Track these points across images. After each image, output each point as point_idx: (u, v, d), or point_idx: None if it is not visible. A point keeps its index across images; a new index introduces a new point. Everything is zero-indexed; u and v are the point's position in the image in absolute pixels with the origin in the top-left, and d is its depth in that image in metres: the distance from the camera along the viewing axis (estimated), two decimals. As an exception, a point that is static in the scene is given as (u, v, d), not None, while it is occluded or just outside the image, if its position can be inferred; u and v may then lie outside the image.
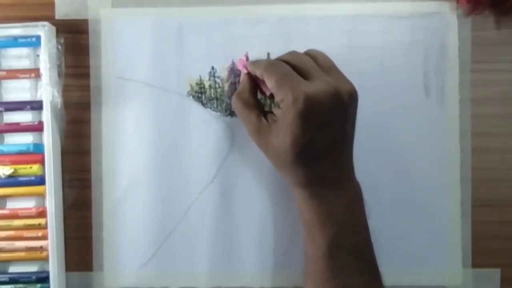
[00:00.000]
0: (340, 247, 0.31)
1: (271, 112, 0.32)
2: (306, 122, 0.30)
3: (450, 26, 0.37)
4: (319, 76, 0.31)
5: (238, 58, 0.37)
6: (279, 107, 0.31)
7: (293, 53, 0.33)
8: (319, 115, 0.30)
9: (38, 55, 0.37)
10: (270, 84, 0.31)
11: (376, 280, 0.32)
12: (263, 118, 0.32)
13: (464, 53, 0.37)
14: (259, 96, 0.35)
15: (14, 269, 0.37)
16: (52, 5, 0.38)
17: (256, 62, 0.34)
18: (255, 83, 0.34)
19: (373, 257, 0.33)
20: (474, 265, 0.37)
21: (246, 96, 0.34)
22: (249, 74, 0.34)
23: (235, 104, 0.34)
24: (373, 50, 0.37)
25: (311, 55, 0.33)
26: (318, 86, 0.30)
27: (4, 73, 0.37)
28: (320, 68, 0.32)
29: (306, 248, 0.33)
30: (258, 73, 0.33)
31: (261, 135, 0.32)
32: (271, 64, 0.32)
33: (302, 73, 0.31)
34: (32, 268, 0.37)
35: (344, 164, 0.32)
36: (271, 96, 0.33)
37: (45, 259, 0.36)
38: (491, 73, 0.37)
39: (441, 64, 0.37)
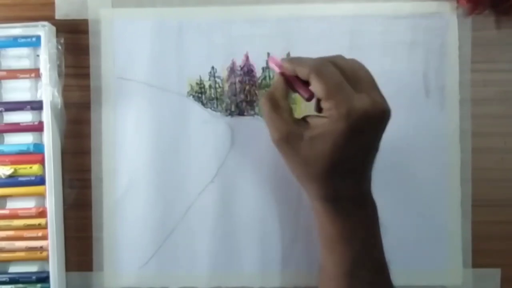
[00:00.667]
0: (363, 265, 0.31)
1: (303, 120, 0.31)
2: (354, 137, 0.29)
3: (450, 26, 0.37)
4: (369, 90, 0.30)
5: (270, 57, 0.35)
6: (317, 116, 0.30)
7: (341, 58, 0.32)
8: (365, 132, 0.29)
9: (38, 55, 0.37)
10: (318, 88, 0.29)
11: None
12: (294, 124, 0.30)
13: (464, 53, 0.37)
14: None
15: (14, 269, 0.37)
16: (52, 5, 0.38)
17: (298, 60, 0.31)
18: (289, 83, 0.32)
19: (389, 275, 0.32)
20: (474, 265, 0.37)
21: (278, 97, 0.31)
22: (282, 74, 0.32)
23: (264, 106, 0.31)
24: (373, 50, 0.37)
25: (355, 63, 0.32)
26: (371, 102, 0.29)
27: (4, 73, 0.37)
28: (366, 80, 0.31)
29: (324, 265, 0.32)
30: (302, 72, 0.30)
31: (289, 143, 0.30)
32: (321, 66, 0.30)
33: (351, 80, 0.30)
34: (32, 268, 0.37)
35: (367, 180, 0.32)
36: (310, 99, 0.31)
37: (45, 259, 0.36)
38: (491, 73, 0.38)
39: (441, 64, 0.37)
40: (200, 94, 0.38)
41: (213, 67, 0.38)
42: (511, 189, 0.38)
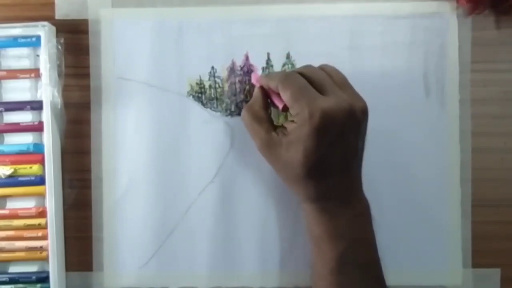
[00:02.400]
0: (349, 263, 0.32)
1: (282, 127, 0.33)
2: (320, 137, 0.30)
3: (450, 26, 0.38)
4: (334, 92, 0.32)
5: (253, 73, 0.38)
6: (292, 121, 0.32)
7: (308, 67, 0.34)
8: (333, 131, 0.31)
9: (38, 55, 0.37)
10: (285, 97, 0.32)
11: None
12: (273, 132, 0.33)
13: (464, 53, 0.38)
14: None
15: (14, 269, 0.38)
16: (52, 5, 0.38)
17: (270, 75, 0.34)
18: (267, 97, 0.35)
19: (381, 273, 0.33)
20: (474, 265, 0.38)
21: (257, 109, 0.34)
22: (261, 88, 0.35)
23: (245, 117, 0.34)
24: (373, 50, 0.38)
25: (325, 70, 0.34)
26: (334, 101, 0.31)
27: (4, 73, 0.38)
28: (335, 84, 0.33)
29: (314, 264, 0.34)
30: (272, 85, 0.33)
31: (271, 149, 0.33)
32: (287, 77, 0.32)
33: (317, 87, 0.32)
34: (32, 268, 0.38)
35: (353, 179, 0.33)
36: (284, 109, 0.33)
37: (45, 259, 0.37)
38: (491, 73, 0.38)
39: (441, 64, 0.38)
40: (200, 94, 0.39)
41: (213, 67, 0.39)
42: (511, 189, 0.38)
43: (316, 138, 0.30)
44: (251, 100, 0.35)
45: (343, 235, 0.32)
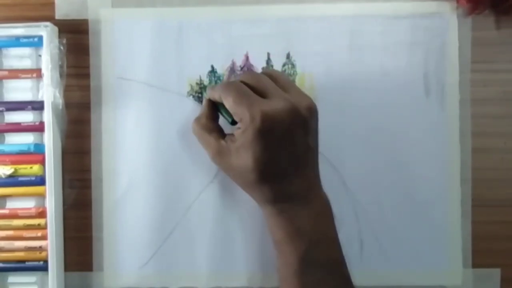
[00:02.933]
0: (311, 263, 0.32)
1: (231, 134, 0.34)
2: (265, 140, 0.31)
3: (450, 26, 0.39)
4: (277, 94, 0.32)
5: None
6: (238, 128, 0.32)
7: (249, 73, 0.35)
8: (278, 131, 0.31)
9: (40, 55, 0.38)
10: (227, 104, 0.32)
11: None
12: (222, 141, 0.33)
13: (464, 53, 0.38)
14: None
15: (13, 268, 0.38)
16: (52, 5, 0.39)
17: (214, 86, 0.35)
18: (216, 109, 0.35)
19: (346, 271, 0.33)
20: (474, 265, 0.38)
21: (204, 120, 0.35)
22: (209, 100, 0.35)
23: (195, 129, 0.35)
24: (373, 50, 0.39)
25: (268, 74, 0.34)
26: (275, 103, 0.31)
27: (5, 73, 0.38)
28: (279, 87, 0.33)
29: (278, 267, 0.34)
30: (216, 96, 0.34)
31: (222, 157, 0.33)
32: (227, 85, 0.33)
33: (260, 92, 0.32)
34: (31, 268, 0.38)
35: (309, 178, 0.33)
36: (234, 122, 0.34)
37: (45, 259, 0.37)
38: (491, 73, 0.39)
39: (441, 64, 0.39)
40: (200, 94, 0.39)
41: (213, 67, 0.39)
42: (511, 189, 0.39)
43: (262, 140, 0.31)
44: (199, 113, 0.36)
45: (304, 235, 0.32)
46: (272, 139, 0.31)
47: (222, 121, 0.36)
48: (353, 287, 0.33)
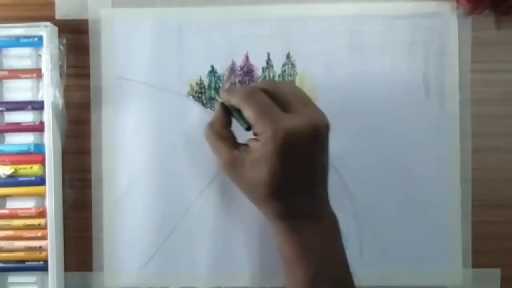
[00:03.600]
0: (321, 281, 0.32)
1: (244, 144, 0.33)
2: (286, 157, 0.30)
3: (450, 26, 0.39)
4: (297, 109, 0.32)
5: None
6: (255, 139, 0.32)
7: (271, 83, 0.34)
8: (298, 150, 0.31)
9: (40, 55, 0.38)
10: (247, 115, 0.32)
11: None
12: (236, 150, 0.32)
13: (464, 53, 0.39)
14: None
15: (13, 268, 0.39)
16: (52, 5, 0.39)
17: (231, 91, 0.34)
18: (228, 113, 0.35)
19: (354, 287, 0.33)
20: (474, 265, 0.39)
21: (218, 127, 0.34)
22: (222, 104, 0.35)
23: (208, 135, 0.34)
24: (373, 50, 0.39)
25: (288, 86, 0.34)
26: (298, 120, 0.31)
27: (6, 73, 0.38)
28: (298, 101, 0.33)
29: (287, 284, 0.33)
30: (234, 102, 0.33)
31: (234, 168, 0.32)
32: (249, 94, 0.32)
33: (281, 105, 0.32)
34: (31, 268, 0.38)
35: (321, 196, 0.33)
36: (249, 129, 0.33)
37: (45, 259, 0.38)
38: (491, 73, 0.39)
39: (441, 64, 0.39)
40: (200, 94, 0.39)
41: (213, 67, 0.39)
42: (511, 189, 0.39)
43: (281, 157, 0.30)
44: (212, 117, 0.35)
45: (314, 253, 0.32)
46: (291, 157, 0.31)
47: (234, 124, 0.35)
48: None
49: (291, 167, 0.31)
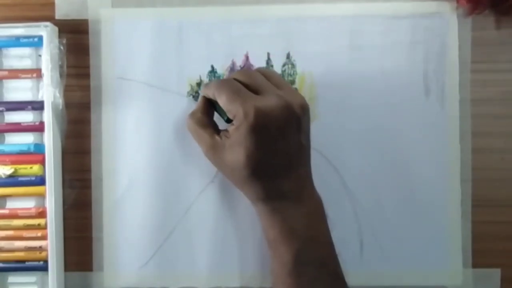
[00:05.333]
0: (305, 263, 0.33)
1: (225, 130, 0.34)
2: (258, 136, 0.32)
3: (450, 26, 0.39)
4: (270, 91, 0.33)
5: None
6: (232, 124, 0.33)
7: (243, 71, 0.35)
8: (271, 128, 0.32)
9: (40, 55, 0.39)
10: (221, 102, 0.33)
11: None
12: (216, 136, 0.34)
13: (464, 53, 0.39)
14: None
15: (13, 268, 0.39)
16: (52, 5, 0.39)
17: (207, 84, 0.35)
18: (211, 105, 0.36)
19: (339, 270, 0.34)
20: (474, 265, 0.39)
21: (199, 115, 0.35)
22: (205, 97, 0.36)
23: (189, 123, 0.36)
24: (373, 50, 0.39)
25: (262, 72, 0.35)
26: (269, 99, 0.32)
27: (5, 72, 0.39)
28: (272, 84, 0.34)
29: (272, 267, 0.34)
30: (210, 93, 0.34)
31: (215, 153, 0.34)
32: (221, 82, 0.34)
33: (253, 89, 0.33)
34: (31, 268, 0.39)
35: (302, 176, 0.34)
36: (229, 120, 0.34)
37: (45, 259, 0.38)
38: (491, 73, 0.39)
39: (441, 64, 0.39)
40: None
41: (213, 67, 0.40)
42: (511, 189, 0.39)
43: (255, 137, 0.31)
44: (195, 107, 0.36)
45: (298, 235, 0.33)
46: (265, 136, 0.32)
47: (217, 119, 0.36)
48: (346, 285, 0.34)
49: (266, 147, 0.32)
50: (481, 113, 0.39)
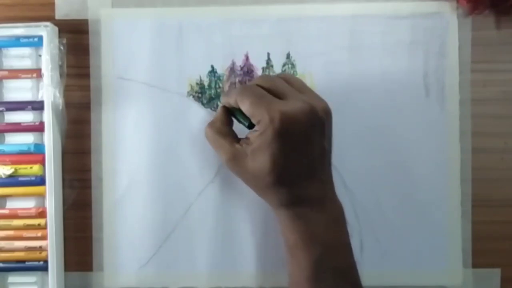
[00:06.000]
0: (325, 269, 0.32)
1: (245, 138, 0.34)
2: (283, 141, 0.31)
3: (450, 26, 0.39)
4: (293, 96, 0.33)
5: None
6: (255, 130, 0.32)
7: (265, 77, 0.35)
8: (297, 133, 0.31)
9: (40, 55, 0.39)
10: (245, 108, 0.33)
11: None
12: (237, 145, 0.33)
13: (464, 53, 0.39)
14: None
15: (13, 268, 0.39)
16: (52, 5, 0.40)
17: (228, 92, 0.35)
18: (231, 115, 0.36)
19: (357, 278, 0.34)
20: (474, 265, 0.39)
21: (219, 125, 0.35)
22: (224, 107, 0.36)
23: (208, 133, 0.35)
24: (373, 50, 0.39)
25: (283, 77, 0.35)
26: (293, 104, 0.32)
27: (6, 72, 0.39)
28: (294, 89, 0.34)
29: (291, 272, 0.34)
30: (232, 101, 0.34)
31: (237, 161, 0.33)
32: (244, 89, 0.33)
33: (276, 95, 0.33)
34: (31, 268, 0.39)
35: (325, 182, 0.34)
36: (251, 126, 0.34)
37: (45, 259, 0.38)
38: (491, 73, 0.39)
39: (441, 64, 0.39)
40: (200, 94, 0.40)
41: (213, 67, 0.40)
42: (511, 189, 0.39)
43: (280, 142, 0.31)
44: (213, 118, 0.36)
45: (318, 241, 0.32)
46: (290, 141, 0.31)
47: (237, 127, 0.36)
48: None
49: (291, 152, 0.32)
50: (481, 113, 0.40)
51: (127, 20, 0.40)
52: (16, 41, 0.38)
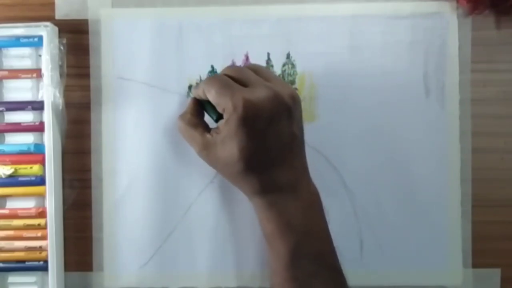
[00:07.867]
0: (302, 256, 0.33)
1: (215, 128, 0.34)
2: (249, 128, 0.31)
3: (450, 26, 0.39)
4: (259, 83, 0.33)
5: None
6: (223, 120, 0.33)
7: (232, 67, 0.35)
8: (261, 119, 0.32)
9: (40, 55, 0.39)
10: (211, 97, 0.33)
11: (342, 285, 0.34)
12: (207, 134, 0.34)
13: (464, 53, 0.39)
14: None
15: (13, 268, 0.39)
16: (52, 5, 0.40)
17: (198, 84, 0.35)
18: (201, 107, 0.36)
19: (337, 263, 0.34)
20: (474, 265, 0.39)
21: (189, 116, 0.35)
22: (194, 99, 0.36)
23: (179, 125, 0.36)
24: (373, 50, 0.39)
25: (251, 67, 0.35)
26: (257, 91, 0.32)
27: (6, 72, 0.39)
28: (260, 77, 0.34)
29: (269, 261, 0.34)
30: (200, 92, 0.34)
31: (208, 151, 0.34)
32: (210, 79, 0.34)
33: (243, 83, 0.33)
34: (31, 268, 0.39)
35: (297, 168, 0.34)
36: (219, 118, 0.34)
37: (45, 259, 0.38)
38: (491, 73, 0.40)
39: (441, 64, 0.39)
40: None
41: (213, 67, 0.40)
42: (511, 189, 0.40)
43: (246, 129, 0.31)
44: (185, 109, 0.36)
45: (294, 228, 0.33)
46: (256, 127, 0.32)
47: (208, 120, 0.36)
48: (344, 279, 0.34)
49: (258, 139, 0.32)
50: (481, 113, 0.40)
51: (127, 20, 0.40)
52: (16, 41, 0.39)
